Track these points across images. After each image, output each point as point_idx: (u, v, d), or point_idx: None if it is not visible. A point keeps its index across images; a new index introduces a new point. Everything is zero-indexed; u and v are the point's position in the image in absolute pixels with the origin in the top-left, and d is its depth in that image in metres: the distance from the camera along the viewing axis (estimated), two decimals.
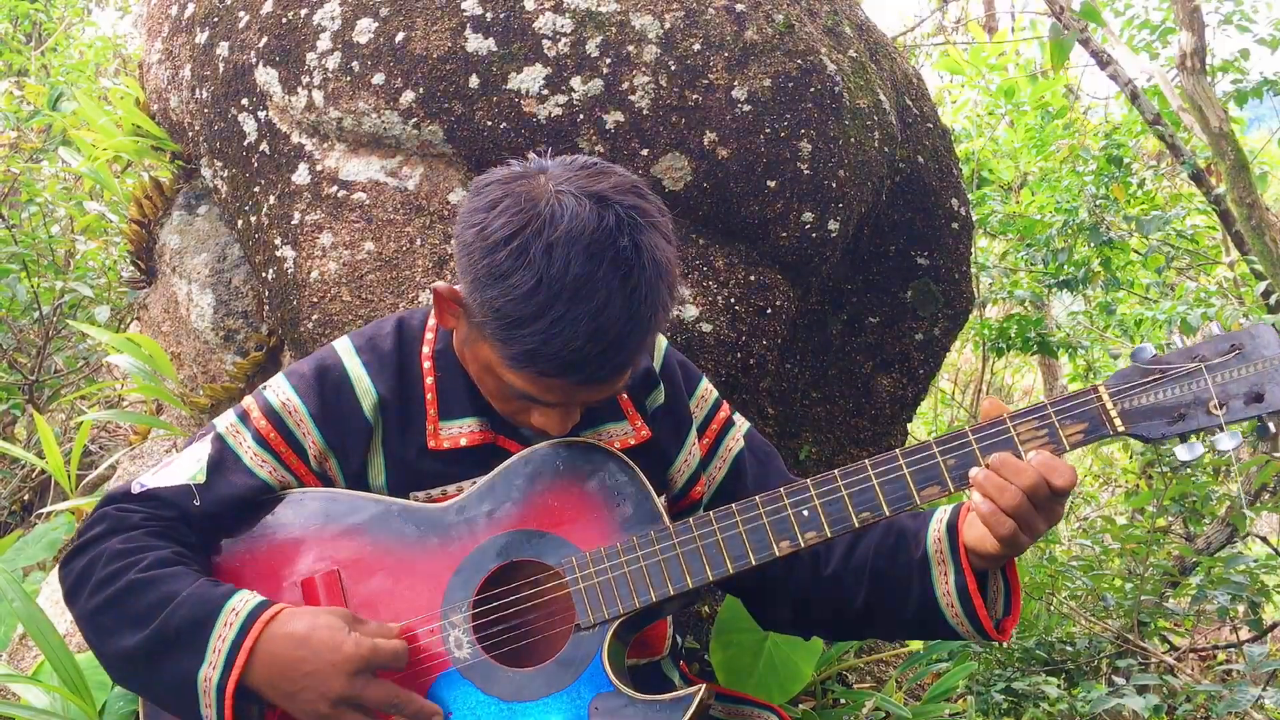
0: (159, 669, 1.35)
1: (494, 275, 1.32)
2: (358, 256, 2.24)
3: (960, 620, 1.49)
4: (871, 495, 1.41)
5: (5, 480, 4.23)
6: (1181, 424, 1.34)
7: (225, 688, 1.32)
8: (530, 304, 1.30)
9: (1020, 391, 9.61)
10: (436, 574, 1.46)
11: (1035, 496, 1.35)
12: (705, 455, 1.70)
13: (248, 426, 1.52)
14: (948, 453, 1.40)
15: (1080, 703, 3.44)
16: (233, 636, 1.33)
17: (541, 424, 1.45)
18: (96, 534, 1.44)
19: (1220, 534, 4.61)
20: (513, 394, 1.43)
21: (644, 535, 1.44)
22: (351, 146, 2.31)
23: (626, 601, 1.42)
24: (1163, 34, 5.48)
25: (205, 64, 2.51)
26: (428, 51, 2.20)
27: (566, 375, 1.35)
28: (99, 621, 1.38)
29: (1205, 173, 4.64)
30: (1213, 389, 1.33)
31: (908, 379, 2.75)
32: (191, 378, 2.77)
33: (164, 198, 2.89)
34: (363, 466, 1.53)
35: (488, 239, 1.33)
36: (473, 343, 1.44)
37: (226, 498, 1.48)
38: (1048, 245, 5.04)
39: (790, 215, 2.27)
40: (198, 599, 1.36)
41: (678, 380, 1.69)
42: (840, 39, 2.46)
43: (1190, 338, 4.70)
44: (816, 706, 2.34)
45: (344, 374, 1.53)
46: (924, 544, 1.51)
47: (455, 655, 1.43)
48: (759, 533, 1.43)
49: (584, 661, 1.41)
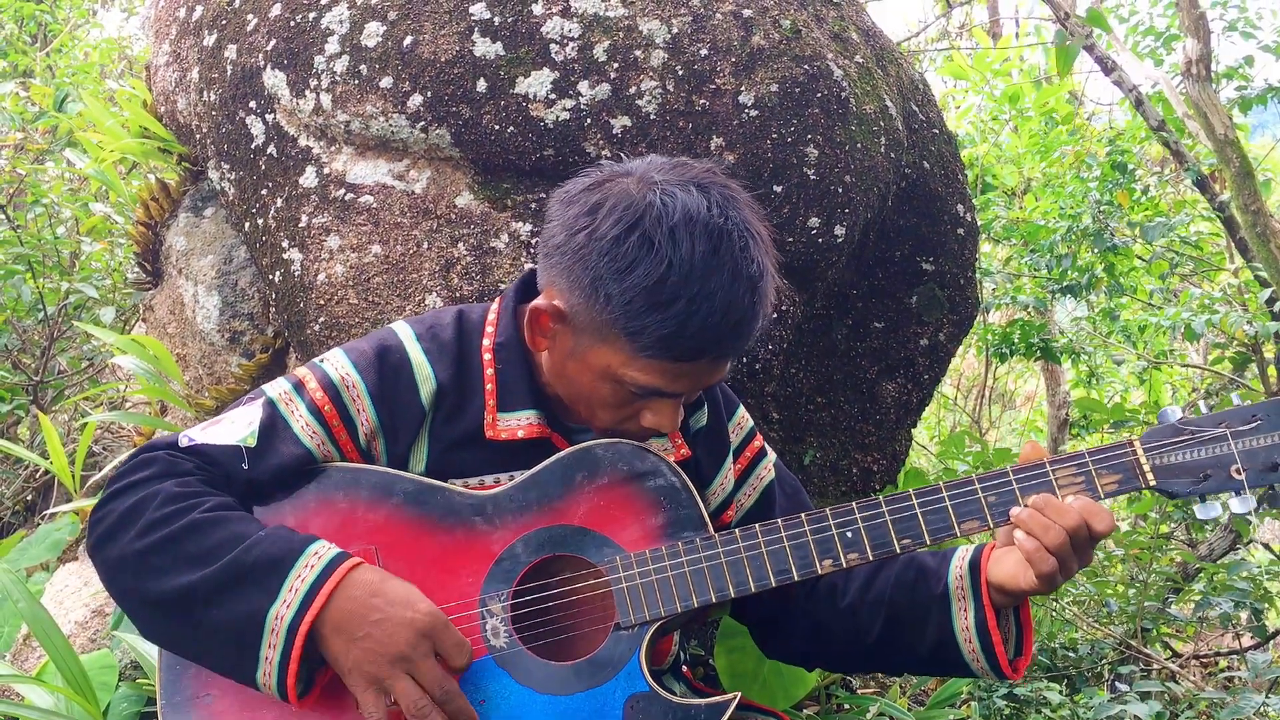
0: (221, 606, 1.31)
1: (620, 270, 1.36)
2: (365, 259, 2.24)
3: (976, 656, 1.51)
4: (914, 523, 1.46)
5: (9, 481, 4.23)
6: (1206, 484, 1.44)
7: (298, 628, 1.29)
8: (664, 289, 1.35)
9: (1022, 397, 9.60)
10: (477, 561, 1.46)
11: (1076, 538, 1.40)
12: (738, 480, 1.72)
13: (302, 396, 1.51)
14: (989, 489, 1.47)
15: (1082, 709, 3.44)
16: (313, 578, 1.32)
17: (654, 422, 1.47)
18: (146, 476, 1.40)
19: (1223, 541, 4.60)
20: (633, 395, 1.45)
21: (689, 541, 1.47)
22: (359, 150, 2.32)
23: (669, 605, 1.44)
24: (1167, 41, 5.49)
25: (213, 66, 2.52)
26: (435, 55, 2.21)
27: (703, 355, 1.40)
28: (149, 561, 1.33)
29: (1209, 179, 4.64)
30: (1237, 455, 1.43)
31: (913, 384, 2.75)
32: (197, 379, 2.78)
33: (170, 200, 2.89)
34: (407, 450, 1.53)
35: (604, 238, 1.38)
36: (583, 353, 1.45)
37: (273, 465, 1.47)
38: (1051, 251, 5.04)
39: (797, 221, 2.27)
40: (276, 539, 1.34)
41: (719, 403, 1.71)
42: (847, 44, 2.46)
43: (1195, 343, 4.65)
44: (820, 712, 2.34)
45: (405, 357, 1.54)
46: (945, 580, 1.53)
47: (491, 643, 1.43)
48: (803, 549, 1.46)
49: (621, 661, 1.42)
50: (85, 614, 2.59)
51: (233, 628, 1.32)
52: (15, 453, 3.03)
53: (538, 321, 1.48)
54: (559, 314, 1.45)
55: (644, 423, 1.48)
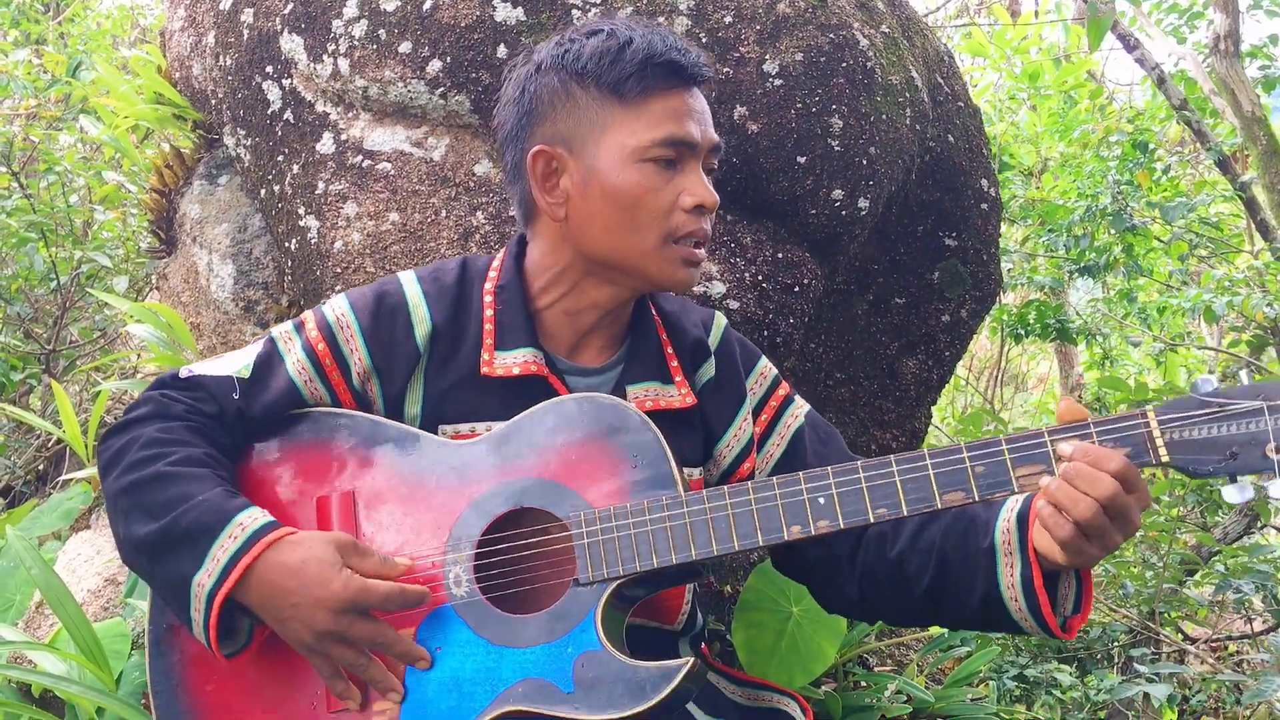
0: (161, 563, 1.39)
1: (576, 53, 1.49)
2: (382, 227, 2.21)
3: (1024, 614, 1.43)
4: (892, 491, 1.37)
5: (20, 449, 4.23)
6: (1233, 463, 1.28)
7: (214, 598, 1.35)
8: (617, 35, 1.48)
9: (1034, 379, 9.57)
10: (447, 510, 1.46)
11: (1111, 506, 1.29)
12: (763, 432, 1.69)
13: (300, 335, 1.56)
14: (977, 459, 1.35)
15: (1092, 690, 3.43)
16: (234, 549, 1.36)
17: (695, 198, 1.49)
18: (139, 415, 1.49)
19: (1238, 524, 4.58)
20: (658, 166, 1.47)
21: (655, 500, 1.43)
22: (377, 116, 2.29)
23: (628, 564, 1.41)
24: (1191, 18, 5.42)
25: (229, 31, 2.48)
26: (455, 20, 2.17)
27: (683, 70, 1.48)
28: (121, 503, 1.43)
29: (1231, 159, 4.59)
30: (1272, 432, 1.27)
31: (933, 361, 2.72)
32: (211, 348, 2.76)
33: (185, 167, 2.87)
34: (402, 392, 1.55)
35: (549, 53, 1.52)
36: (594, 164, 1.49)
37: (263, 400, 1.52)
38: (1069, 231, 5.00)
39: (820, 192, 2.23)
40: (209, 506, 1.39)
41: (735, 357, 1.68)
42: (873, 14, 2.42)
43: (1213, 326, 4.63)
44: (838, 689, 2.32)
45: (402, 298, 1.56)
46: (992, 534, 1.46)
47: (453, 592, 1.43)
48: (770, 514, 1.40)
49: (577, 617, 1.40)
50: (98, 582, 2.58)
51: (170, 585, 1.39)
52: (28, 420, 3.02)
53: (543, 179, 1.52)
54: (555, 152, 1.50)
55: (685, 204, 1.48)
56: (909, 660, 2.70)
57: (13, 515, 2.82)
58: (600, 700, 1.36)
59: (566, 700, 1.36)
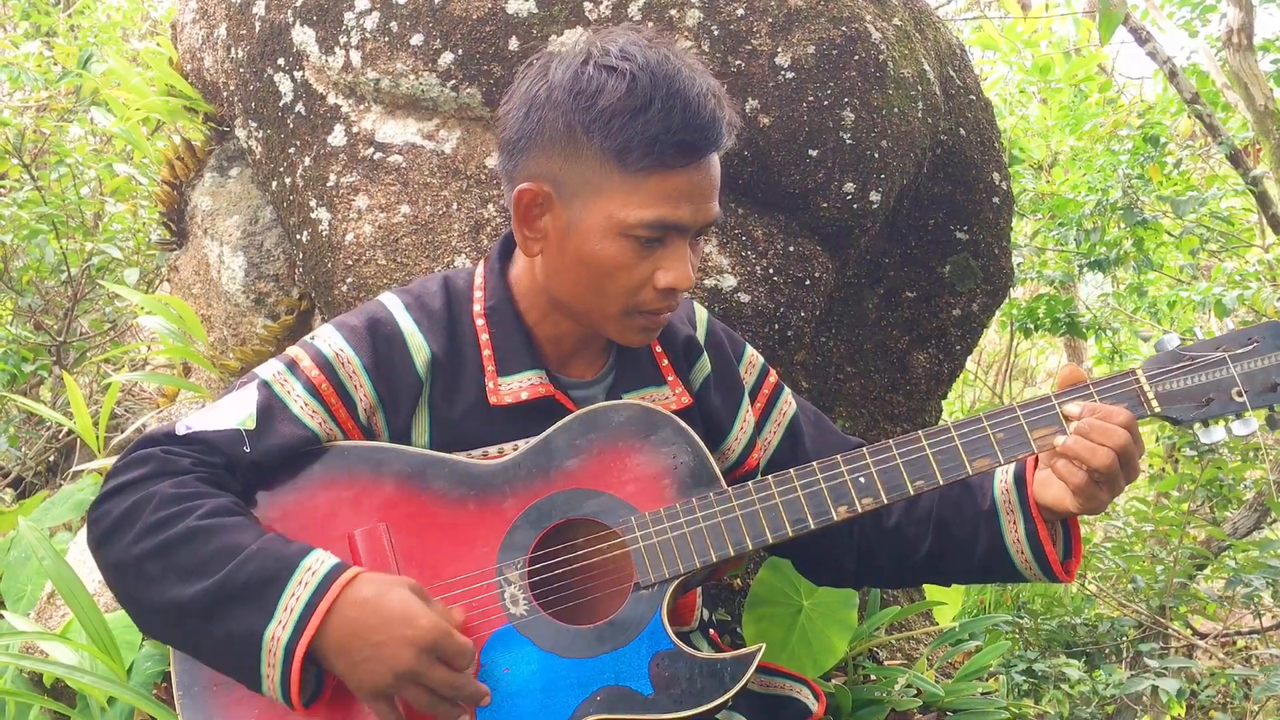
0: (217, 623, 1.28)
1: (589, 98, 1.38)
2: (393, 219, 2.21)
3: (1029, 564, 1.57)
4: (926, 464, 1.48)
5: (31, 441, 4.24)
6: (1208, 408, 1.47)
7: (294, 650, 1.26)
8: (636, 94, 1.37)
9: (1044, 373, 9.54)
10: (491, 530, 1.44)
11: (1124, 454, 1.43)
12: (759, 420, 1.71)
13: (297, 375, 1.48)
14: (997, 426, 1.49)
15: (1100, 685, 3.42)
16: (307, 597, 1.28)
17: (670, 279, 1.42)
18: (142, 475, 1.36)
19: (1247, 519, 4.57)
20: (641, 245, 1.41)
21: (703, 497, 1.47)
22: (388, 108, 2.29)
23: (687, 561, 1.44)
24: (1203, 11, 5.39)
25: (241, 23, 2.49)
26: (467, 12, 2.17)
27: (694, 151, 1.38)
28: (145, 569, 1.30)
29: (1243, 153, 4.57)
30: (1237, 377, 1.47)
31: (944, 355, 2.71)
32: (221, 340, 2.76)
33: (196, 159, 2.87)
34: (408, 424, 1.51)
35: (562, 81, 1.41)
36: (579, 220, 1.42)
37: (274, 447, 1.43)
38: (1079, 225, 4.98)
39: (831, 185, 2.23)
40: (268, 554, 1.30)
41: (725, 348, 1.69)
42: (885, 6, 2.41)
43: (1223, 320, 4.62)
44: (848, 682, 2.33)
45: (396, 328, 1.51)
46: (991, 495, 1.58)
47: (511, 612, 1.42)
48: (817, 497, 1.48)
49: (643, 620, 1.42)
50: None
51: (230, 644, 1.29)
52: (40, 412, 3.03)
53: (525, 212, 1.45)
54: (544, 191, 1.43)
55: (659, 284, 1.43)
56: (918, 654, 2.70)
57: (24, 506, 2.83)
58: (682, 696, 1.38)
59: (648, 702, 1.38)
